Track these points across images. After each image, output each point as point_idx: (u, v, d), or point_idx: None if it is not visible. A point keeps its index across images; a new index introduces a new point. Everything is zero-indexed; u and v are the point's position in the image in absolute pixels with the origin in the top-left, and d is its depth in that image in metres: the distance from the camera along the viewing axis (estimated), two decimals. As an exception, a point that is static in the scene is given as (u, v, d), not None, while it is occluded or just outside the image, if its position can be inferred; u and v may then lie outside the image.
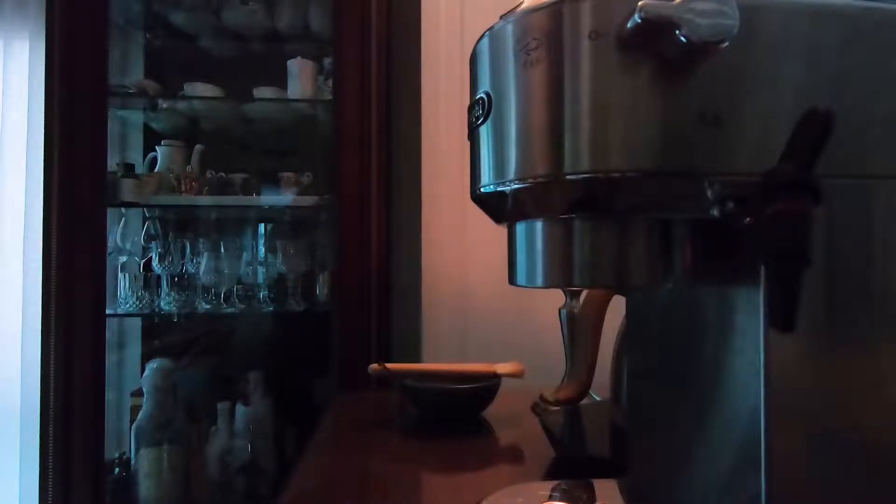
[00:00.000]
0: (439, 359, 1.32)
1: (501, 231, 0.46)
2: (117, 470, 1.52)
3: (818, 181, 0.32)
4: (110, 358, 1.46)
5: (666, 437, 0.50)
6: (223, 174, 1.59)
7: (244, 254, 1.63)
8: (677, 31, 0.32)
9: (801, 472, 0.37)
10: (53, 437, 1.32)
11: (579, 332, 0.84)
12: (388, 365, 0.94)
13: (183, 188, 1.57)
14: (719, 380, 0.41)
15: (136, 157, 1.69)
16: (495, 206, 0.43)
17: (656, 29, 0.33)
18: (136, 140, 1.75)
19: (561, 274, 0.41)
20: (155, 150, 1.64)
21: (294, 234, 1.66)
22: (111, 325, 1.51)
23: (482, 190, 0.42)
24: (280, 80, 1.56)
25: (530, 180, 0.38)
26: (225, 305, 1.55)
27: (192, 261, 1.56)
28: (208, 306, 1.55)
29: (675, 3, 0.32)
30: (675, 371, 0.48)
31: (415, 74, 1.41)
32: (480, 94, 0.41)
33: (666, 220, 0.40)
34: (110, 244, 1.48)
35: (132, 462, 1.46)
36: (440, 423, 0.91)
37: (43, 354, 1.33)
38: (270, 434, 1.54)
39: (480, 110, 0.41)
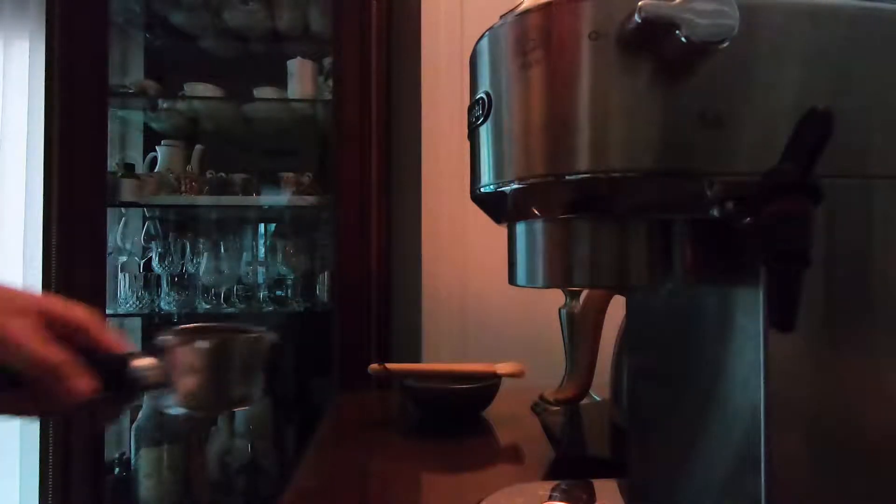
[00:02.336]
0: (439, 359, 1.32)
1: (502, 231, 0.46)
2: (117, 470, 1.52)
3: (818, 181, 0.32)
4: (110, 358, 1.46)
5: (666, 437, 0.50)
6: (223, 174, 1.59)
7: (244, 254, 1.63)
8: (677, 31, 0.32)
9: (801, 472, 0.37)
10: (53, 438, 1.32)
11: (579, 332, 0.84)
12: (388, 365, 0.94)
13: (183, 188, 1.56)
14: (719, 380, 0.41)
15: (136, 157, 1.69)
16: (495, 206, 0.43)
17: (656, 29, 0.33)
18: (136, 140, 1.75)
19: (561, 274, 0.41)
20: (155, 150, 1.64)
21: (294, 234, 1.65)
22: (111, 325, 1.51)
23: (482, 190, 0.42)
24: (280, 80, 1.56)
25: (530, 180, 0.38)
26: (225, 305, 1.55)
27: (192, 261, 1.56)
28: (208, 306, 1.54)
29: (675, 3, 0.32)
30: (675, 371, 0.48)
31: (415, 74, 1.41)
32: (480, 94, 0.41)
33: (666, 220, 0.39)
34: (110, 244, 1.48)
35: (132, 462, 1.46)
36: (440, 423, 0.91)
37: (43, 354, 1.33)
38: (270, 434, 1.54)
39: (480, 110, 0.41)
